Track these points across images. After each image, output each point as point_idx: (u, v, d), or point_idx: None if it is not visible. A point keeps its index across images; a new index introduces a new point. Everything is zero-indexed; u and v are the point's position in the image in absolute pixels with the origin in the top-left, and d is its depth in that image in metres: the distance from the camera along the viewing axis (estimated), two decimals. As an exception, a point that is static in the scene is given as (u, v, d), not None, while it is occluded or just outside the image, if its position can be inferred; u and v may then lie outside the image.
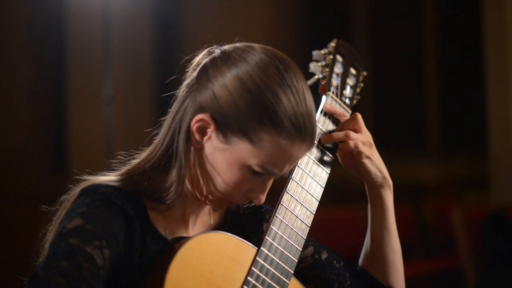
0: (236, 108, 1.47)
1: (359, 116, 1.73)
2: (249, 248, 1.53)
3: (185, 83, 1.58)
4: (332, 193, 2.34)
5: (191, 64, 1.61)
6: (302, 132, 1.49)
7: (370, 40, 7.83)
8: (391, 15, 7.76)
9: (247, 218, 1.70)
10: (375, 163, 1.71)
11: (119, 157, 1.63)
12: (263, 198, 1.56)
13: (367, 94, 7.60)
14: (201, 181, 1.54)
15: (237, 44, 1.58)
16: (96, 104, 5.43)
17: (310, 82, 1.80)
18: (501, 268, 5.20)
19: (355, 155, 1.71)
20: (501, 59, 6.61)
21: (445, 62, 7.70)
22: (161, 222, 1.55)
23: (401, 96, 7.69)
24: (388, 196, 1.74)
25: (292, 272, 1.57)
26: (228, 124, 1.48)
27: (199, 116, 1.50)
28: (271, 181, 1.55)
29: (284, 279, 1.55)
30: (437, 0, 7.74)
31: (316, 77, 1.82)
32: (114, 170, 1.62)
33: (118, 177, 1.57)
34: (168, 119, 1.57)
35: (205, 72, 1.53)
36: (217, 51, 1.57)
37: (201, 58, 1.59)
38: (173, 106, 1.57)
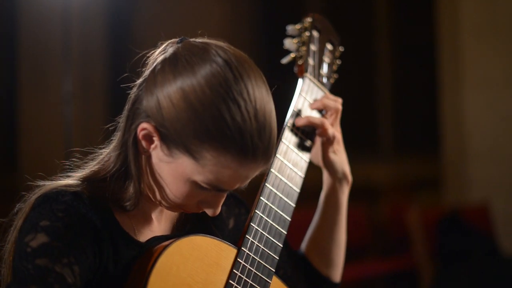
0: (178, 122, 1.36)
1: (339, 109, 1.71)
2: (230, 249, 1.48)
3: (137, 82, 1.48)
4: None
5: (147, 61, 1.50)
6: (250, 152, 1.36)
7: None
8: (345, 16, 7.79)
9: None
10: (340, 159, 1.72)
11: (75, 158, 1.56)
12: (217, 211, 1.46)
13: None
14: (154, 188, 1.46)
15: (194, 43, 1.45)
16: (52, 103, 5.33)
17: (285, 60, 1.75)
18: (456, 269, 5.27)
19: (322, 146, 1.71)
20: (454, 61, 6.69)
21: (398, 62, 7.77)
22: (129, 223, 1.49)
23: (354, 97, 7.73)
24: (345, 192, 1.75)
25: (274, 270, 1.53)
26: (171, 137, 1.38)
27: (143, 125, 1.40)
28: (224, 195, 1.46)
29: (266, 278, 1.51)
30: (391, 1, 7.81)
31: (292, 55, 1.75)
32: (71, 170, 1.54)
33: (78, 181, 1.48)
34: (122, 122, 1.48)
35: (153, 76, 1.42)
36: (170, 50, 1.45)
37: (157, 55, 1.48)
38: (125, 108, 1.48)
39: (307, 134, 1.68)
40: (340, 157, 1.72)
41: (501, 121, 6.45)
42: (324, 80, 1.78)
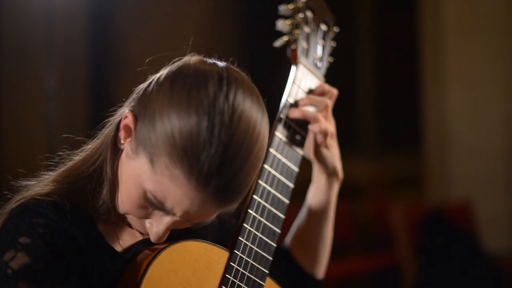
0: (151, 116, 1.26)
1: (329, 103, 1.64)
2: (222, 252, 1.42)
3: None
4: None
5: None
6: (202, 179, 1.23)
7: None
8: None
9: None
10: (332, 154, 1.67)
11: (60, 154, 1.45)
12: (157, 237, 1.32)
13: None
14: (116, 188, 1.36)
15: (196, 67, 1.31)
16: (36, 100, 5.28)
17: (278, 43, 1.67)
18: (439, 267, 5.29)
19: (315, 140, 1.65)
20: (436, 59, 6.71)
21: (380, 60, 7.78)
22: (113, 232, 1.42)
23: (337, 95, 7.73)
24: (334, 189, 1.70)
25: (267, 271, 1.48)
26: (143, 131, 1.27)
27: (127, 113, 1.31)
28: (172, 222, 1.31)
29: (259, 281, 1.46)
30: (373, 0, 7.81)
31: (285, 38, 1.66)
32: (51, 170, 1.44)
33: (55, 185, 1.38)
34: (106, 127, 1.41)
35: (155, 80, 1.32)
36: (174, 66, 1.34)
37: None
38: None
39: (301, 125, 1.62)
40: (332, 152, 1.67)
41: (483, 119, 6.48)
42: (319, 64, 1.72)
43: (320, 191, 1.71)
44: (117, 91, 6.86)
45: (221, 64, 1.32)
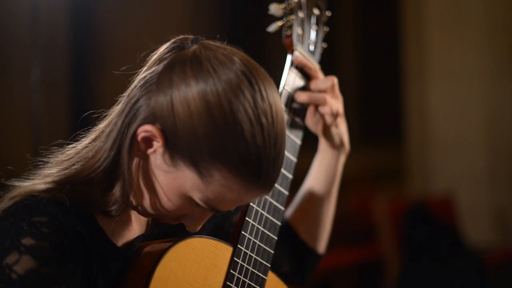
0: (192, 133, 1.22)
1: (335, 80, 1.64)
2: (226, 248, 1.42)
3: (140, 76, 1.32)
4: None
5: (152, 55, 1.35)
6: (261, 180, 1.25)
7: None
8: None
9: None
10: (340, 131, 1.67)
11: (47, 153, 1.40)
12: (198, 227, 1.36)
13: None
14: (141, 194, 1.33)
15: (218, 47, 1.30)
16: (20, 93, 5.23)
17: (272, 28, 1.64)
18: (422, 260, 5.32)
19: (324, 120, 1.65)
20: (418, 52, 6.74)
21: (362, 53, 7.80)
22: (112, 229, 1.38)
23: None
24: (340, 161, 1.71)
25: (269, 265, 1.49)
26: (179, 147, 1.24)
27: (148, 127, 1.26)
28: (211, 214, 1.36)
29: (262, 275, 1.48)
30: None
31: (279, 23, 1.65)
32: (42, 169, 1.38)
33: (54, 183, 1.32)
34: (116, 118, 1.33)
35: (169, 74, 1.27)
36: (190, 49, 1.30)
37: (165, 52, 1.33)
38: (122, 103, 1.33)
39: (298, 112, 1.61)
40: (341, 129, 1.67)
41: (464, 112, 6.51)
42: (312, 48, 1.70)
43: (327, 163, 1.71)
44: (99, 83, 6.83)
45: (232, 55, 1.28)
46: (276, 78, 1.39)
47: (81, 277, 1.27)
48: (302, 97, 1.60)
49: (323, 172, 1.71)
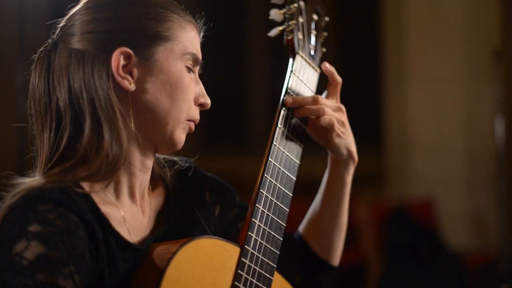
0: (134, 20, 1.42)
1: (337, 90, 1.69)
2: (234, 248, 1.44)
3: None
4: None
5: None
6: (183, 14, 1.49)
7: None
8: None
9: (187, 191, 1.57)
10: (345, 141, 1.66)
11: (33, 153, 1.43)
12: (208, 99, 1.50)
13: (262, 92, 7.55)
14: (152, 119, 1.41)
15: None
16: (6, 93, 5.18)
17: (273, 33, 1.66)
18: (403, 263, 5.34)
19: (326, 131, 1.64)
20: (398, 57, 6.78)
21: (342, 58, 7.81)
22: (115, 215, 1.40)
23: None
24: (350, 173, 1.71)
25: (275, 266, 1.50)
26: (140, 40, 1.41)
27: (119, 51, 1.40)
28: (198, 78, 1.50)
29: (269, 275, 1.49)
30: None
31: (280, 28, 1.66)
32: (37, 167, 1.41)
33: (47, 173, 1.36)
34: (73, 94, 1.39)
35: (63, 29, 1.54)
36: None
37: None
38: (58, 88, 1.41)
39: (300, 117, 1.62)
40: (345, 139, 1.66)
41: (443, 117, 6.56)
42: (313, 53, 1.72)
43: (336, 176, 1.71)
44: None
45: None
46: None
47: (90, 262, 1.29)
48: (299, 112, 1.61)
49: (332, 185, 1.71)
